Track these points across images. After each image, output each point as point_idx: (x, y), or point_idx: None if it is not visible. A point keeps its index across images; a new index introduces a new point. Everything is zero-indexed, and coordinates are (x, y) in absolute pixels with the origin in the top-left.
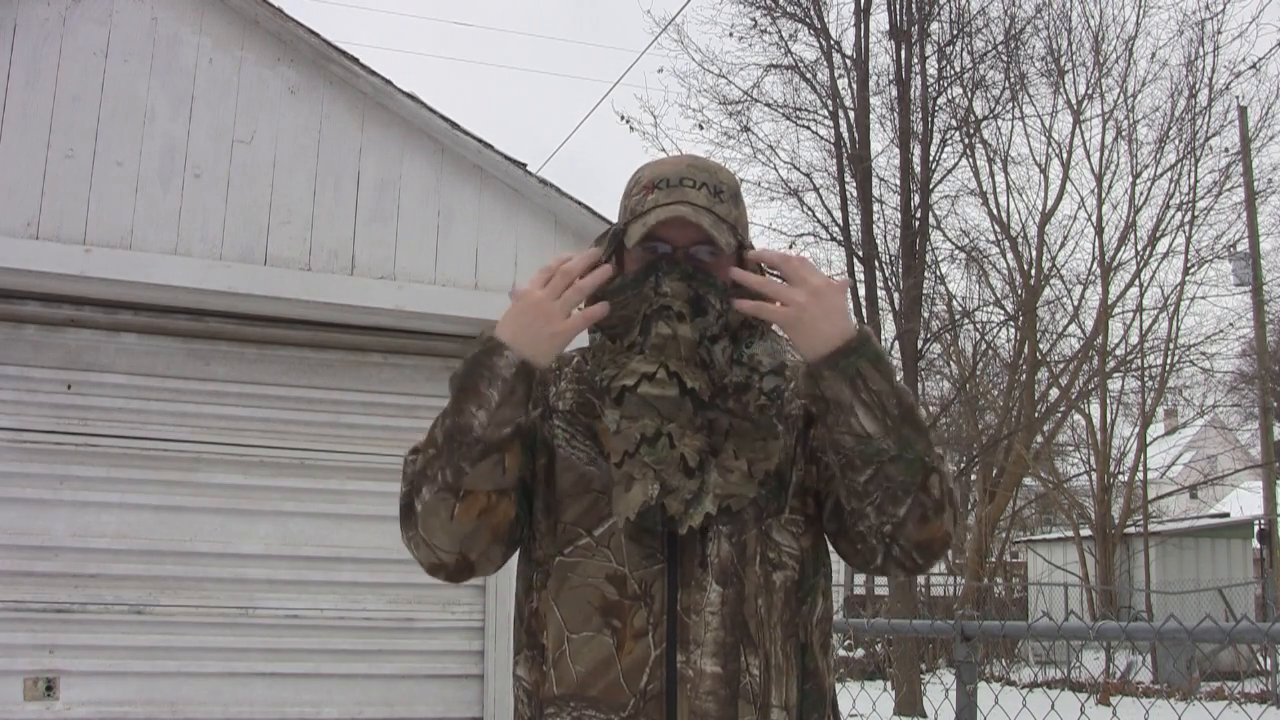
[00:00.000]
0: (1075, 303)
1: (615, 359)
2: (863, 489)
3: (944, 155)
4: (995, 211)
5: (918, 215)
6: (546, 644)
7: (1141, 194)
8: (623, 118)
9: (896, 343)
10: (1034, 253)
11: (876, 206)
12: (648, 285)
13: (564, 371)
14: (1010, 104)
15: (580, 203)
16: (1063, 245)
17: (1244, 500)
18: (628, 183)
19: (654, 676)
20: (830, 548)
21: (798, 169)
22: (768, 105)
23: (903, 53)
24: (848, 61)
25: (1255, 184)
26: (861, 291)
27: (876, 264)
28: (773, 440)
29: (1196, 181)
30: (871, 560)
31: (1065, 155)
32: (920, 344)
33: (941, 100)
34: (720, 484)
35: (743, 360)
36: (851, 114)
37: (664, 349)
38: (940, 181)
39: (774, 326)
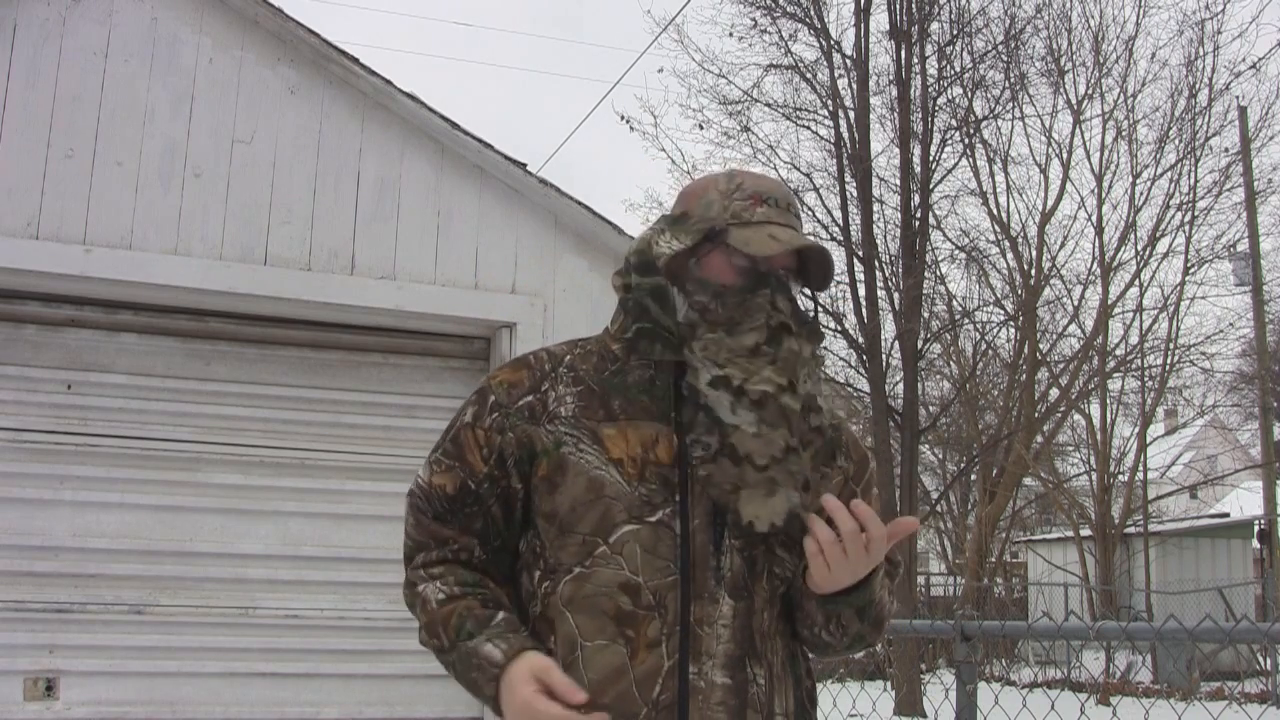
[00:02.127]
0: (1075, 303)
1: (735, 359)
2: (804, 640)
3: (944, 155)
4: (995, 211)
5: (918, 215)
6: (555, 650)
7: (1141, 194)
8: (623, 118)
9: (896, 343)
10: (1034, 253)
11: (876, 206)
12: (761, 295)
13: (559, 373)
14: (1010, 104)
15: (580, 202)
16: (1063, 245)
17: (1244, 500)
18: (718, 180)
19: (666, 687)
20: None
21: (798, 169)
22: (768, 105)
23: (903, 53)
24: (848, 61)
25: (1255, 184)
26: (861, 291)
27: (876, 264)
28: (833, 464)
29: (1196, 181)
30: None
31: (1065, 155)
32: (920, 344)
33: (941, 100)
34: (797, 501)
35: (817, 404)
36: (851, 114)
37: (792, 365)
38: (940, 181)
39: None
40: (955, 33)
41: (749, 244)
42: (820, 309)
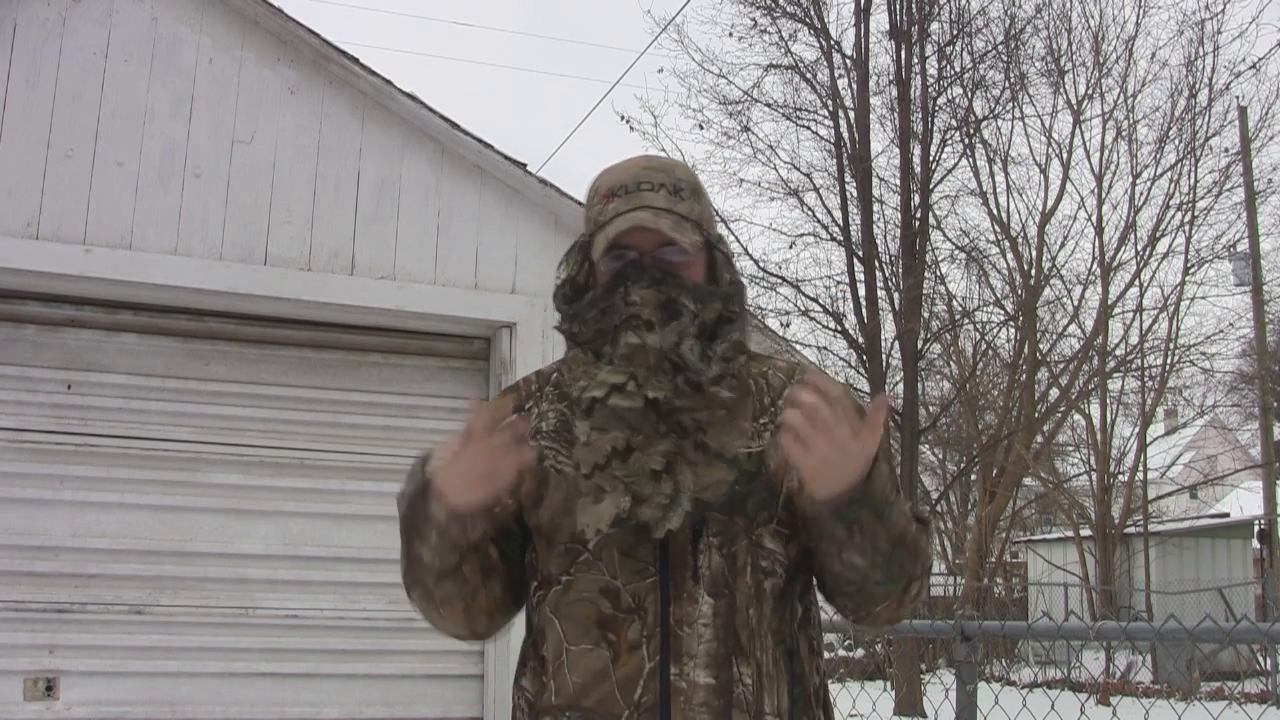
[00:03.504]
0: (1075, 303)
1: (587, 370)
2: (844, 593)
3: (944, 155)
4: (995, 211)
5: (918, 215)
6: (546, 656)
7: (1141, 194)
8: (623, 118)
9: (896, 343)
10: (1034, 253)
11: (876, 206)
12: (618, 295)
13: (545, 391)
14: (1010, 104)
15: (580, 202)
16: (1063, 245)
17: (1244, 500)
18: (588, 192)
19: (648, 689)
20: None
21: (798, 169)
22: (768, 105)
23: (903, 53)
24: (848, 61)
25: (1255, 184)
26: (861, 291)
27: (876, 264)
28: (744, 420)
29: (1196, 181)
30: (841, 614)
31: (1065, 155)
32: (920, 344)
33: (941, 100)
34: (691, 479)
35: (714, 355)
36: (851, 114)
37: (632, 359)
38: (940, 181)
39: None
40: (955, 33)
41: (596, 250)
42: (821, 309)
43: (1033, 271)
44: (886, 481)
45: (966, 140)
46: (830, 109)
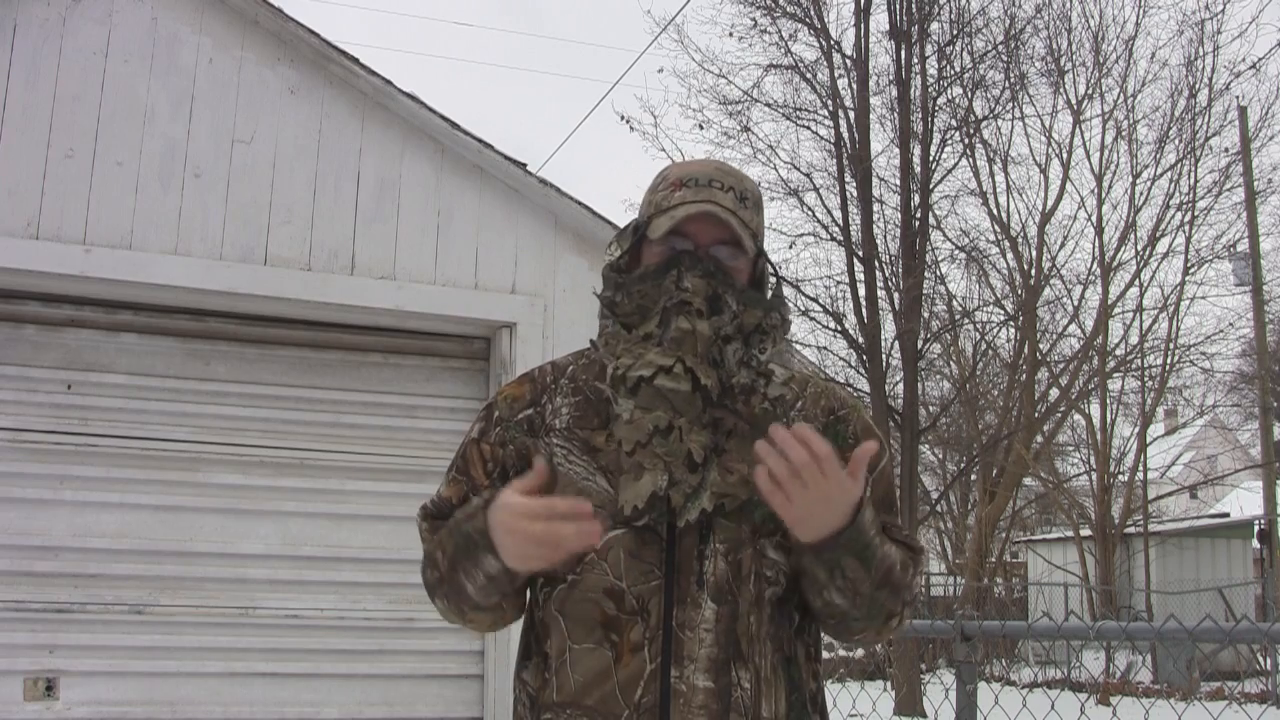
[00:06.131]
0: (1075, 303)
1: (631, 349)
2: (823, 623)
3: (944, 155)
4: (995, 211)
5: (918, 215)
6: (550, 652)
7: (1141, 194)
8: (623, 118)
9: (896, 343)
10: (1034, 253)
11: (876, 206)
12: (669, 279)
13: (560, 384)
14: (1010, 104)
15: (580, 202)
16: (1063, 245)
17: (1244, 500)
18: (654, 180)
19: (648, 690)
20: None
21: (798, 169)
22: (768, 105)
23: (903, 53)
24: (848, 61)
25: (1255, 184)
26: (861, 291)
27: (876, 264)
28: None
29: (1196, 181)
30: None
31: (1065, 155)
32: (920, 344)
33: (941, 100)
34: (718, 483)
35: (752, 364)
36: (851, 114)
37: (682, 343)
38: (940, 181)
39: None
40: (955, 33)
41: (656, 230)
42: (821, 309)
43: (1033, 271)
44: (871, 527)
45: (966, 140)
46: (830, 109)
